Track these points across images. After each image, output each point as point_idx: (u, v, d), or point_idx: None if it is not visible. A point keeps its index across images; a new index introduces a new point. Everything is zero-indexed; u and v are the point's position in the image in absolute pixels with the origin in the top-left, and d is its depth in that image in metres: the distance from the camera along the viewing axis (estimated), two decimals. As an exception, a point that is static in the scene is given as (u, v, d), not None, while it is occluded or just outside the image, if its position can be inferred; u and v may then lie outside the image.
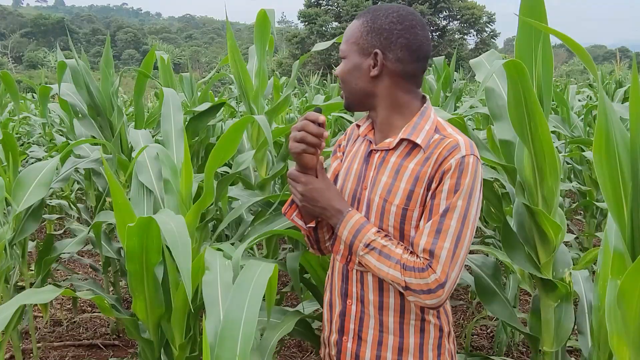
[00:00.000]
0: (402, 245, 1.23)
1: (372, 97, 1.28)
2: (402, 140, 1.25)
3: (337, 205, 1.27)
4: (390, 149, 1.27)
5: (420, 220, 1.21)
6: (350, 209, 1.27)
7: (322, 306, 2.04)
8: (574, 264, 1.93)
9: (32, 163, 3.53)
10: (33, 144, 5.39)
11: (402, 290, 1.20)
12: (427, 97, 1.32)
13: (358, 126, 1.39)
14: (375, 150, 1.30)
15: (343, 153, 1.45)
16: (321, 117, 1.21)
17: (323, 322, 1.45)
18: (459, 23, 41.72)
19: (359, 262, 1.28)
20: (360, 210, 1.29)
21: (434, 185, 1.19)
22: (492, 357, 1.95)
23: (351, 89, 1.29)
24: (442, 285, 1.16)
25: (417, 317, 1.28)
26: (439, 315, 1.31)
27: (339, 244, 1.33)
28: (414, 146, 1.24)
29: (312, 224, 1.36)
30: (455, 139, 1.21)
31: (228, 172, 3.03)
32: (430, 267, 1.16)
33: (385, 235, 1.23)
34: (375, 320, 1.29)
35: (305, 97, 5.85)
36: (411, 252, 1.20)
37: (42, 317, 3.75)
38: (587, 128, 4.12)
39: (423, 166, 1.21)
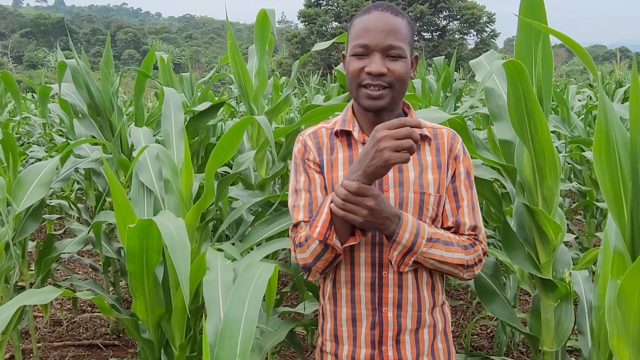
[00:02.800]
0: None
1: (403, 97, 1.34)
2: None
3: (394, 210, 1.21)
4: None
5: (443, 203, 1.33)
6: (401, 210, 1.24)
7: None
8: (574, 264, 1.93)
9: (32, 163, 3.53)
10: (33, 144, 5.40)
11: (460, 271, 1.29)
12: None
13: (337, 134, 1.35)
14: None
15: (318, 165, 1.35)
16: (422, 123, 1.15)
17: (336, 341, 1.35)
18: (459, 23, 41.70)
19: (414, 261, 1.26)
20: None
21: (451, 171, 1.33)
22: (492, 357, 1.95)
23: (403, 89, 1.28)
24: (486, 252, 1.35)
25: (441, 301, 1.37)
26: (444, 294, 1.41)
27: (394, 251, 1.25)
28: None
29: (354, 241, 1.25)
30: (446, 128, 1.38)
31: (228, 172, 3.03)
32: (477, 239, 1.33)
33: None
34: (413, 319, 1.30)
35: (305, 97, 5.85)
36: (454, 233, 1.32)
37: (42, 317, 3.75)
38: (587, 128, 4.12)
39: (438, 156, 1.33)
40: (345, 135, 1.35)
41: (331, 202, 1.19)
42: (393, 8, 1.27)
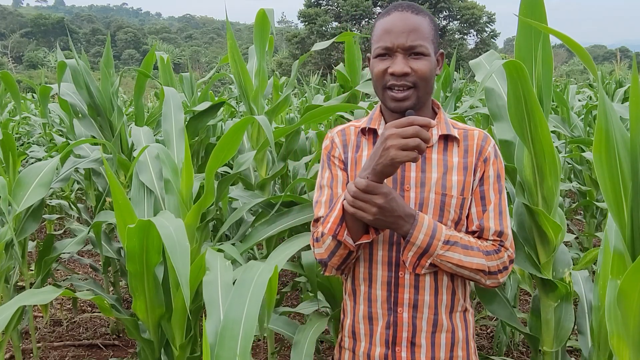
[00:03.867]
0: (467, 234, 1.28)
1: (430, 96, 1.32)
2: (440, 136, 1.31)
3: (409, 210, 1.20)
4: (427, 147, 1.26)
5: (469, 207, 1.30)
6: (418, 211, 1.22)
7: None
8: (574, 264, 1.93)
9: (32, 163, 3.53)
10: (33, 144, 5.40)
11: (482, 277, 1.25)
12: None
13: (363, 132, 1.36)
14: None
15: (343, 162, 1.37)
16: (432, 122, 1.14)
17: (353, 337, 1.36)
18: (459, 23, 41.71)
19: (431, 264, 1.24)
20: None
21: (479, 174, 1.30)
22: (492, 357, 1.95)
23: (429, 88, 1.27)
24: (512, 260, 1.31)
25: (462, 307, 1.34)
26: (469, 301, 1.38)
27: (409, 251, 1.24)
28: (446, 140, 1.31)
29: (367, 239, 1.24)
30: (478, 129, 1.34)
31: (228, 172, 3.03)
32: (503, 246, 1.29)
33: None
34: (429, 322, 1.29)
35: (305, 97, 5.85)
36: (478, 238, 1.29)
37: (42, 317, 3.75)
38: (587, 128, 4.12)
39: (466, 157, 1.30)
40: (371, 133, 1.36)
41: (344, 199, 1.20)
42: (414, 7, 1.26)
